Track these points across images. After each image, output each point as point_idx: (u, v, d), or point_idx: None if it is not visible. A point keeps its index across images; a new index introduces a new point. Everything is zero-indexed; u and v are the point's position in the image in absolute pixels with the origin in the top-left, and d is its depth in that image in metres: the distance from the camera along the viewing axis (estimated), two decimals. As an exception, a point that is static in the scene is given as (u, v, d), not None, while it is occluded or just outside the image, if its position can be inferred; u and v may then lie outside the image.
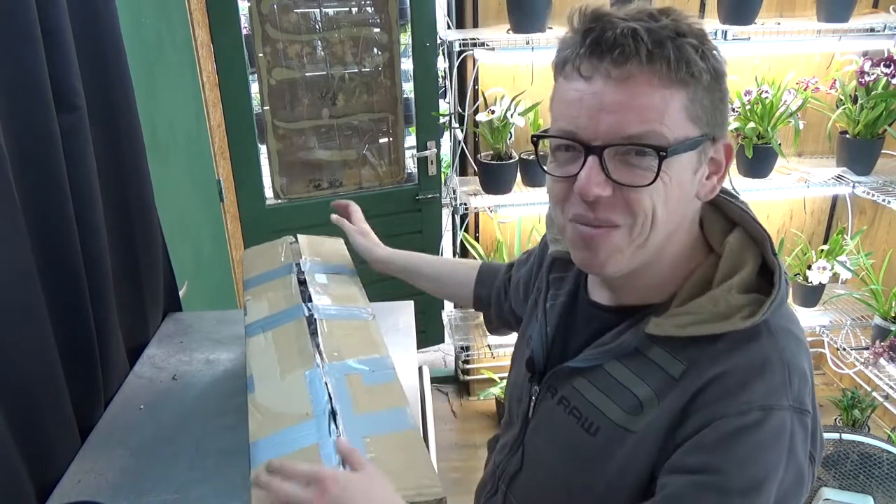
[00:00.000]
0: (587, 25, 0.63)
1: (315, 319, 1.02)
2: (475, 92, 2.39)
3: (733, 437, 0.61)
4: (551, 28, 2.24)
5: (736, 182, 2.35)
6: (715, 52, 0.64)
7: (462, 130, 2.42)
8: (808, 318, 2.57)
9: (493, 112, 2.21)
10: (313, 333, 1.02)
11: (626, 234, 0.66)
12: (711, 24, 2.29)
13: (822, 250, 2.54)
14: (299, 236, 1.27)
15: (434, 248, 2.64)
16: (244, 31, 2.24)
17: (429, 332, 2.78)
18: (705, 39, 0.64)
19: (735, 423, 0.62)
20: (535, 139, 0.73)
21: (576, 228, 0.68)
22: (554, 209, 0.71)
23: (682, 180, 0.65)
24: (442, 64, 2.48)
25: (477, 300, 1.11)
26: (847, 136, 2.39)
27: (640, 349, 0.70)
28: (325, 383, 0.88)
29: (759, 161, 2.35)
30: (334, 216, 1.25)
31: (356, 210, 1.26)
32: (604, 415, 0.71)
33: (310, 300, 1.10)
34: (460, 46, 2.26)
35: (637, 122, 0.62)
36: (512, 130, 2.30)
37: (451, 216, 2.59)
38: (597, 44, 0.62)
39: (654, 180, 0.63)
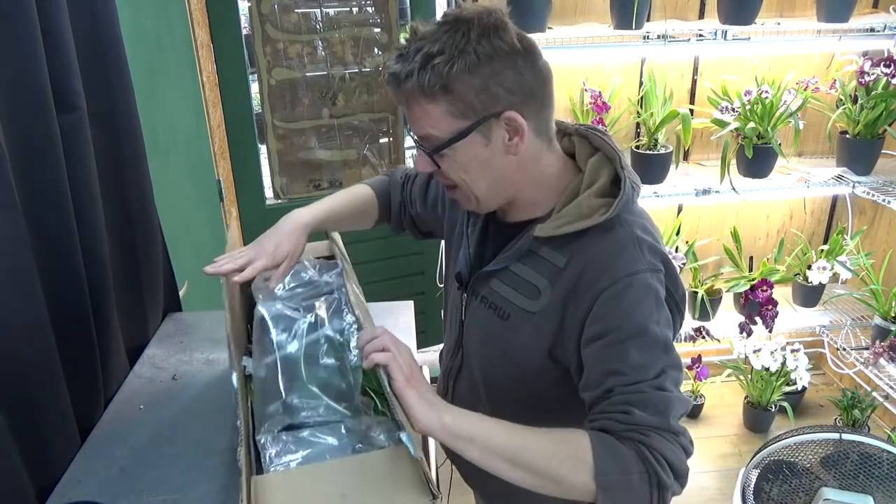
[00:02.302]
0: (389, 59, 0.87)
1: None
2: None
3: (613, 301, 0.83)
4: (551, 28, 2.24)
5: (736, 182, 2.35)
6: (477, 47, 0.81)
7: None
8: (808, 318, 2.57)
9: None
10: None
11: (461, 192, 0.91)
12: (711, 24, 2.29)
13: (822, 250, 2.54)
14: None
15: (434, 246, 2.64)
16: (244, 31, 2.24)
17: (429, 332, 2.78)
18: (465, 46, 0.81)
19: (611, 292, 0.83)
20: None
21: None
22: None
23: (474, 155, 0.87)
24: (442, 64, 2.47)
25: (382, 219, 1.27)
26: (847, 136, 2.39)
27: (533, 250, 0.92)
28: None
29: (759, 161, 2.35)
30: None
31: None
32: (512, 303, 0.94)
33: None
34: (460, 46, 2.25)
35: (418, 128, 0.87)
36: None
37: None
38: (388, 75, 0.86)
39: (438, 167, 0.88)
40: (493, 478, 0.80)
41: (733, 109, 2.32)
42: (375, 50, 2.45)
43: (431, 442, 1.11)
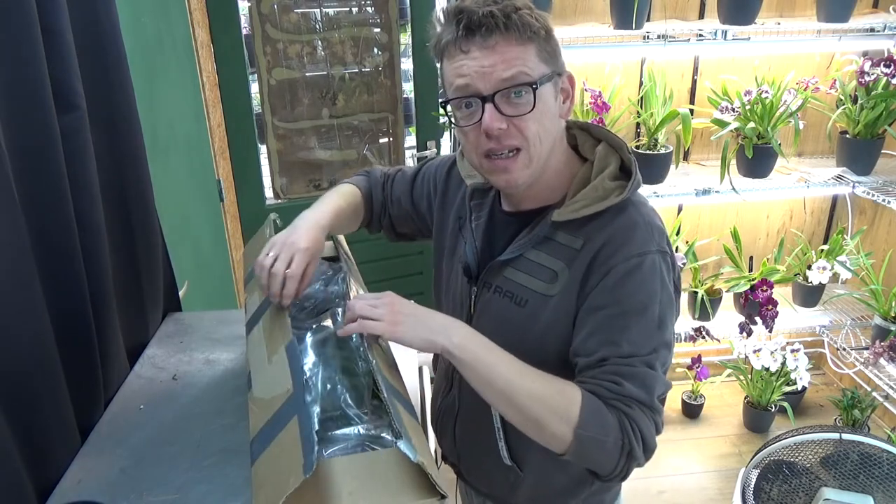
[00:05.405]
0: (455, 17, 0.87)
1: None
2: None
3: (623, 277, 0.88)
4: (551, 28, 2.24)
5: (736, 182, 2.35)
6: (543, 15, 0.89)
7: (462, 130, 2.41)
8: (808, 318, 2.57)
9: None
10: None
11: (525, 153, 0.90)
12: (711, 24, 2.29)
13: (822, 250, 2.54)
14: None
15: (434, 248, 2.64)
16: (244, 31, 2.24)
17: (429, 332, 2.78)
18: (533, 9, 0.88)
19: (623, 268, 0.88)
20: (444, 104, 0.94)
21: (492, 162, 0.92)
22: (469, 153, 0.94)
23: (549, 105, 0.90)
24: (442, 64, 2.47)
25: (366, 219, 1.25)
26: (847, 136, 2.39)
27: (549, 236, 0.94)
28: (298, 344, 0.87)
29: (759, 161, 2.35)
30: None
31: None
32: (529, 289, 0.96)
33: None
34: (460, 46, 2.25)
35: (507, 69, 0.86)
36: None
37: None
38: (467, 27, 0.86)
39: (534, 107, 0.87)
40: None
41: (733, 109, 2.32)
42: (375, 50, 2.45)
43: (432, 442, 1.11)
